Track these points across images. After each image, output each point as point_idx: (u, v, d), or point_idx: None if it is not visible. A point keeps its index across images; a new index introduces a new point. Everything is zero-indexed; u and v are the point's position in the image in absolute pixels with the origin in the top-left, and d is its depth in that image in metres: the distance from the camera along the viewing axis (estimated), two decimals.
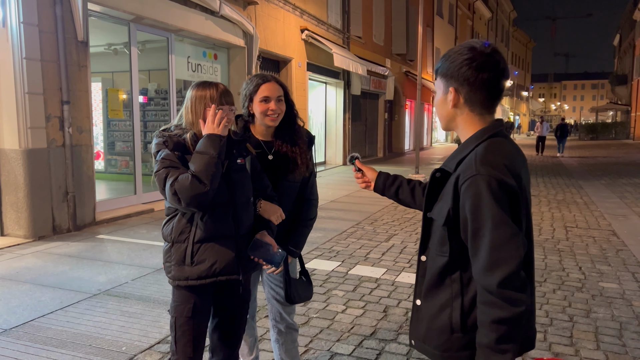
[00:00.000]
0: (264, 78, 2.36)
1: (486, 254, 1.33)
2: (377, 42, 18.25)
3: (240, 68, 10.14)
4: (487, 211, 1.33)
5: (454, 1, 30.00)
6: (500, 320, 1.32)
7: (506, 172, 1.35)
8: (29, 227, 5.80)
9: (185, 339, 2.04)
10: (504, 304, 1.32)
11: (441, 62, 1.49)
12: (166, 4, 7.77)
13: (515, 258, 1.31)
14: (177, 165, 1.95)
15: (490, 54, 1.42)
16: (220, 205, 2.02)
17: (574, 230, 6.81)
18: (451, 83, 1.46)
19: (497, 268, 1.31)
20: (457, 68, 1.43)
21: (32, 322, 3.55)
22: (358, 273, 4.78)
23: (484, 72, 1.41)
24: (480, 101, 1.45)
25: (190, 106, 2.03)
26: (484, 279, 1.34)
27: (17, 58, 5.62)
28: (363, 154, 17.81)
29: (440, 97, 1.51)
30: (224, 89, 2.05)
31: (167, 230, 2.07)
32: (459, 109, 1.48)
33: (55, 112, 6.06)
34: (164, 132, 2.04)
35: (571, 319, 3.73)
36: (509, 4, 51.67)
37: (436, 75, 1.53)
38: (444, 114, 1.52)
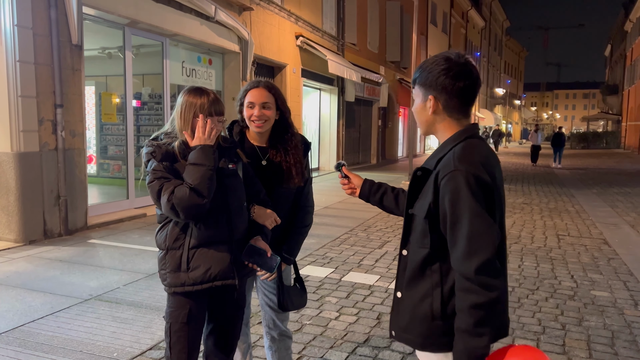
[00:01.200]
0: (254, 84, 2.35)
1: (464, 243, 1.43)
2: (371, 49, 18.33)
3: (235, 73, 10.14)
4: (465, 204, 1.43)
5: (447, 10, 30.24)
6: (476, 305, 1.41)
7: (481, 168, 1.47)
8: (20, 231, 5.74)
9: (180, 345, 2.03)
10: (480, 289, 1.41)
11: (419, 72, 1.61)
12: (161, 8, 7.77)
13: (490, 247, 1.42)
14: (169, 177, 1.95)
15: (464, 64, 1.55)
16: (214, 211, 2.01)
17: (566, 238, 6.85)
18: (430, 91, 1.58)
19: (475, 256, 1.42)
20: (435, 77, 1.55)
21: (22, 327, 3.51)
22: (351, 280, 4.78)
23: (460, 80, 1.54)
24: (457, 107, 1.57)
25: (181, 112, 2.03)
26: (462, 266, 1.44)
27: (10, 61, 5.59)
28: (356, 161, 17.84)
29: (420, 104, 1.63)
30: (214, 98, 2.05)
31: (161, 237, 2.06)
32: (438, 115, 1.60)
33: (48, 116, 6.02)
34: (152, 142, 2.03)
35: (563, 327, 3.75)
36: (502, 14, 52.13)
37: (414, 84, 1.65)
38: (424, 120, 1.64)
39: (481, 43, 42.20)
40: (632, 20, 37.16)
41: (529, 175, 16.25)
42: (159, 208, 2.00)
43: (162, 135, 2.08)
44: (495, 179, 1.52)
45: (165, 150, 1.99)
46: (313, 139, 15.29)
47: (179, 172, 1.98)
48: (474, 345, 1.42)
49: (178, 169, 1.98)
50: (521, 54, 68.53)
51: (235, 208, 2.07)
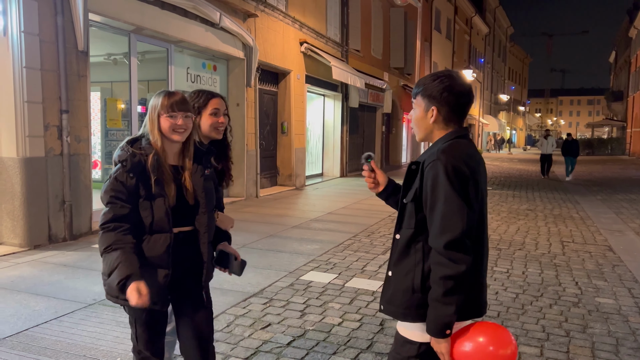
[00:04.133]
0: (212, 94, 2.53)
1: (438, 222, 1.67)
2: (375, 55, 18.38)
3: (240, 79, 10.19)
4: (442, 189, 1.67)
5: (451, 16, 30.31)
6: (446, 276, 1.64)
7: (461, 160, 1.69)
8: (25, 235, 5.77)
9: (146, 335, 2.19)
10: (450, 262, 1.64)
11: (422, 86, 1.83)
12: (166, 15, 7.83)
13: (459, 226, 1.64)
14: (121, 198, 2.03)
15: (464, 83, 1.81)
16: (157, 234, 2.08)
17: (570, 245, 6.82)
18: (433, 103, 1.80)
19: (445, 232, 1.65)
20: (440, 92, 1.78)
21: (26, 332, 3.52)
22: (355, 286, 4.77)
23: (461, 97, 1.80)
24: (455, 118, 1.82)
25: (150, 114, 2.14)
26: (435, 242, 1.68)
27: (17, 67, 5.64)
28: (360, 167, 17.78)
29: (421, 113, 1.85)
30: (180, 97, 2.13)
31: None
32: (437, 124, 1.82)
33: (54, 121, 6.07)
34: (128, 147, 2.09)
35: (568, 334, 3.73)
36: (506, 20, 52.19)
37: (415, 95, 1.86)
38: (423, 127, 1.86)
39: (485, 49, 42.23)
40: (637, 27, 37.12)
41: (533, 182, 16.21)
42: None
43: (143, 140, 2.14)
44: (475, 173, 1.72)
45: (137, 160, 2.05)
46: (317, 145, 15.32)
47: (140, 190, 2.05)
48: (442, 313, 1.66)
49: (141, 186, 2.05)
50: (525, 61, 68.51)
51: (210, 210, 2.19)
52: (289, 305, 4.21)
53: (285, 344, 3.44)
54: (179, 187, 2.13)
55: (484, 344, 1.67)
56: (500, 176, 18.26)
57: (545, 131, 18.92)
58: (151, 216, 2.05)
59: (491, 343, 1.67)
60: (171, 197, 2.08)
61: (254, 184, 10.60)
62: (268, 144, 11.95)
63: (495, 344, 1.67)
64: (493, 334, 1.70)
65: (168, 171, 2.10)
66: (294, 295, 4.45)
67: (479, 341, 1.68)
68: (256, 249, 6.16)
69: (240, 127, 10.19)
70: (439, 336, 1.68)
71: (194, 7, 8.22)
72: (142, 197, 2.05)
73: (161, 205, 2.05)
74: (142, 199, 2.05)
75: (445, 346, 1.69)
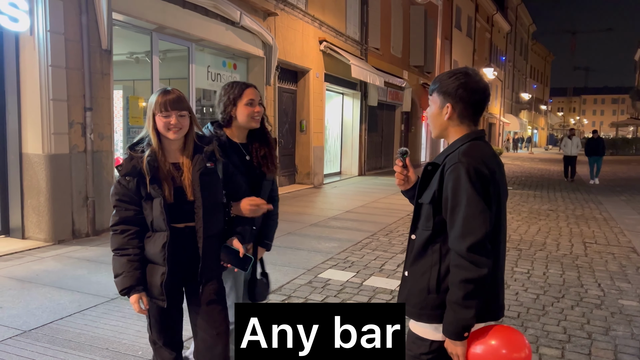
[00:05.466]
0: (246, 84, 2.54)
1: (460, 225, 1.67)
2: (394, 54, 18.29)
3: (259, 78, 10.24)
4: (464, 191, 1.66)
5: (472, 14, 29.98)
6: (467, 280, 1.64)
7: (482, 163, 1.70)
8: (50, 230, 5.90)
9: (159, 326, 2.27)
10: (471, 265, 1.63)
11: (439, 82, 1.83)
12: (188, 14, 7.91)
13: (482, 229, 1.64)
14: (125, 201, 2.12)
15: (480, 80, 1.80)
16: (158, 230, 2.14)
17: (593, 246, 6.71)
18: (448, 100, 1.80)
19: (468, 235, 1.64)
20: (455, 89, 1.78)
21: (51, 325, 3.60)
22: (373, 284, 4.77)
23: (476, 94, 1.79)
24: (469, 115, 1.81)
25: (147, 113, 2.15)
26: (457, 244, 1.67)
27: (43, 65, 5.76)
28: (379, 165, 17.79)
29: (436, 110, 1.85)
30: (175, 96, 2.13)
31: None
32: (452, 121, 1.82)
33: (78, 119, 6.18)
34: (129, 151, 2.16)
35: (590, 337, 3.68)
36: (528, 18, 51.41)
37: (432, 92, 1.86)
38: (438, 124, 1.86)
39: (506, 47, 41.68)
40: None
41: (555, 182, 15.96)
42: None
43: (145, 140, 2.18)
44: (495, 174, 1.72)
45: (132, 165, 2.10)
46: (335, 144, 15.31)
47: (141, 192, 2.11)
48: (461, 317, 1.65)
49: (141, 188, 2.10)
50: (547, 59, 67.42)
51: (210, 204, 2.18)
52: (308, 302, 4.23)
53: None
54: (179, 184, 2.15)
55: (498, 347, 1.67)
56: (522, 176, 18.02)
57: (570, 130, 17.29)
58: (151, 215, 2.12)
59: (505, 346, 1.67)
60: (168, 195, 2.11)
61: None
62: (287, 142, 11.99)
63: (509, 347, 1.67)
64: (507, 337, 1.70)
65: (164, 170, 2.13)
66: (312, 293, 4.47)
67: (492, 344, 1.68)
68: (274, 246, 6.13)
69: None
70: (457, 339, 1.68)
71: (215, 6, 8.29)
72: (143, 197, 2.12)
73: (157, 205, 2.10)
74: (143, 199, 2.12)
75: (461, 349, 1.69)
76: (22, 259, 5.25)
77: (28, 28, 5.69)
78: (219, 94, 2.56)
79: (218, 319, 2.25)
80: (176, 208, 2.13)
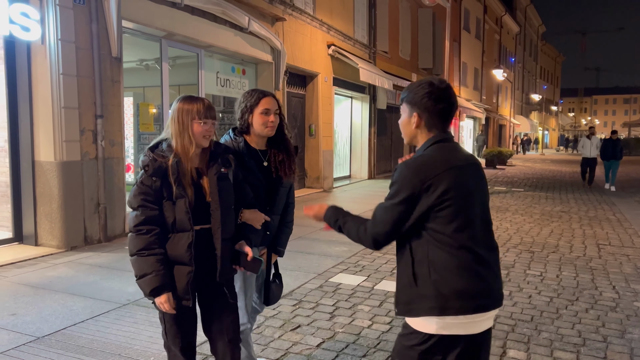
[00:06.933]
0: (264, 93, 2.59)
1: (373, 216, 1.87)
2: (403, 56, 18.27)
3: (268, 83, 10.27)
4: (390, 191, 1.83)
5: (481, 16, 29.87)
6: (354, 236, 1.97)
7: (415, 172, 1.78)
8: (62, 237, 5.95)
9: (175, 331, 2.29)
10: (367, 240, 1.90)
11: (407, 92, 1.91)
12: (197, 20, 7.96)
13: (385, 226, 1.82)
14: (148, 201, 2.14)
15: (445, 89, 1.86)
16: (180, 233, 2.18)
17: (607, 248, 6.63)
18: (415, 109, 1.88)
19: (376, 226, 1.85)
20: (420, 99, 1.86)
21: (64, 331, 3.63)
22: (384, 288, 4.75)
23: (440, 103, 1.85)
24: (436, 124, 1.88)
25: (177, 117, 2.19)
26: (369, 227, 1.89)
27: (54, 74, 5.83)
28: (388, 168, 17.74)
29: (405, 119, 1.94)
30: (208, 103, 2.24)
31: None
32: (420, 129, 1.90)
33: (89, 126, 6.24)
34: (150, 152, 2.19)
35: (605, 340, 3.63)
36: (538, 19, 51.10)
37: (402, 102, 1.94)
38: (408, 132, 1.95)
39: (516, 48, 41.45)
40: None
41: (567, 183, 15.80)
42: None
43: (164, 143, 2.22)
44: (447, 176, 1.76)
45: (158, 165, 2.14)
46: (344, 147, 15.30)
47: (164, 192, 2.15)
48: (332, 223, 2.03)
49: (164, 188, 2.15)
50: (557, 59, 66.93)
51: (225, 207, 2.25)
52: (318, 307, 4.22)
53: (315, 346, 3.45)
54: (199, 187, 2.22)
55: None
56: (533, 177, 17.88)
57: (590, 129, 15.25)
58: (173, 216, 2.16)
59: None
60: (190, 197, 2.18)
61: None
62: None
63: None
64: None
65: (188, 173, 2.20)
66: (323, 297, 4.46)
67: None
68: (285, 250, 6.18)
69: None
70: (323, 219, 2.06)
71: (223, 12, 8.34)
72: (165, 198, 2.16)
73: (182, 205, 2.15)
74: (165, 200, 2.16)
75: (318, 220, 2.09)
76: (36, 265, 5.30)
77: (39, 37, 5.76)
78: (239, 100, 2.62)
79: (231, 327, 2.34)
80: (195, 210, 2.19)
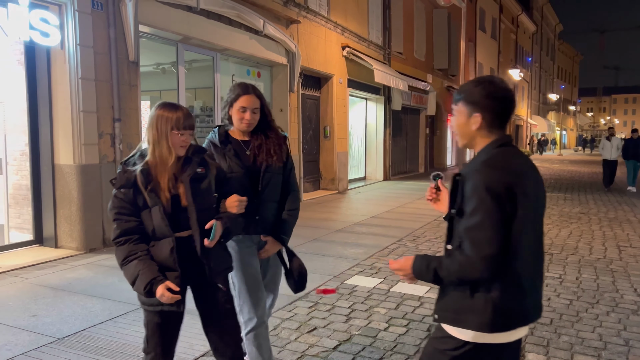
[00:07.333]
0: (246, 90, 2.62)
1: (470, 234, 1.68)
2: (418, 57, 18.18)
3: (283, 85, 10.31)
4: (478, 201, 1.66)
5: (497, 15, 29.61)
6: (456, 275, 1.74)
7: (502, 174, 1.68)
8: (81, 239, 6.03)
9: (156, 339, 2.29)
10: (468, 270, 1.68)
11: (465, 92, 1.83)
12: (212, 24, 8.03)
13: (491, 246, 1.64)
14: (122, 213, 2.14)
15: (507, 88, 1.81)
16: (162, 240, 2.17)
17: (628, 249, 6.51)
18: (476, 110, 1.79)
19: (477, 246, 1.65)
20: (482, 98, 1.77)
21: (83, 332, 3.68)
22: (400, 290, 4.72)
23: (503, 103, 1.79)
24: (496, 125, 1.81)
25: (156, 124, 2.16)
26: (468, 248, 1.69)
27: (73, 78, 5.92)
28: (404, 170, 17.66)
29: (463, 120, 1.84)
30: (187, 112, 2.23)
31: None
32: (480, 131, 1.81)
33: (107, 130, 6.32)
34: (122, 164, 2.20)
35: (627, 343, 3.56)
36: (555, 17, 50.47)
37: (457, 102, 1.85)
38: (466, 134, 1.86)
39: (532, 48, 41.00)
40: None
41: (585, 184, 15.57)
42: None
43: (138, 153, 2.23)
44: (517, 185, 1.68)
45: (126, 177, 2.15)
46: (359, 149, 15.27)
47: (138, 202, 2.14)
48: (426, 276, 1.79)
49: (137, 198, 2.14)
50: (575, 58, 66.01)
51: (202, 209, 2.22)
52: (334, 309, 4.22)
53: (332, 348, 3.44)
54: (176, 193, 2.19)
55: None
56: (551, 178, 17.65)
57: (609, 129, 14.66)
58: (152, 224, 2.16)
59: None
60: (165, 203, 2.16)
61: None
62: (311, 148, 12.02)
63: None
64: None
65: (165, 180, 2.17)
66: (339, 300, 4.45)
67: None
68: (300, 252, 6.16)
69: None
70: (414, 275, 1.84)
71: (239, 16, 8.39)
72: (141, 207, 2.15)
73: (157, 212, 2.14)
74: (141, 210, 2.16)
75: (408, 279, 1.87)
76: (56, 267, 5.38)
77: (59, 42, 5.85)
78: (227, 92, 2.69)
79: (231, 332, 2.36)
80: (174, 216, 2.18)
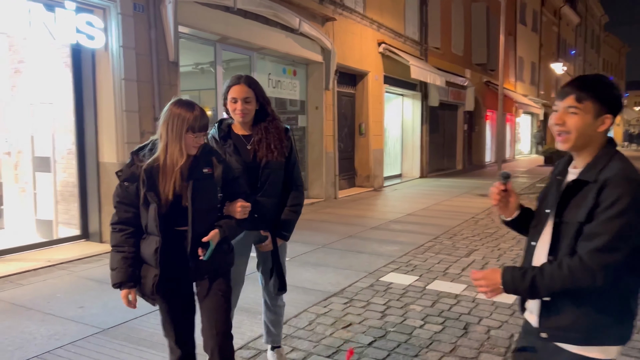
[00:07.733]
0: (236, 80, 2.63)
1: (606, 238, 1.53)
2: (456, 52, 17.89)
3: (318, 83, 10.35)
4: (624, 208, 1.52)
5: (538, 8, 28.76)
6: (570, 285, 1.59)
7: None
8: None
9: (168, 325, 2.41)
10: (588, 275, 1.55)
11: (596, 89, 1.65)
12: (249, 24, 8.14)
13: (621, 254, 1.52)
14: (125, 203, 2.24)
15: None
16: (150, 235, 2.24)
17: None
18: (608, 110, 1.65)
19: (609, 252, 1.53)
20: (615, 99, 1.66)
21: (126, 323, 3.82)
22: (436, 288, 4.69)
23: (622, 107, 1.71)
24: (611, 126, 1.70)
25: (171, 123, 2.20)
26: (590, 255, 1.55)
27: (117, 79, 6.13)
28: (441, 167, 17.44)
29: (589, 120, 1.65)
30: (203, 112, 2.25)
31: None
32: (602, 133, 1.67)
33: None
34: (132, 155, 2.26)
35: None
36: (600, 9, 48.60)
37: (582, 99, 1.65)
38: (588, 135, 1.66)
39: (576, 40, 39.63)
40: None
41: None
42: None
43: (150, 144, 2.28)
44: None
45: (132, 171, 2.22)
46: (395, 146, 15.18)
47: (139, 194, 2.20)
48: (522, 287, 1.63)
49: (139, 191, 2.20)
50: (622, 50, 63.42)
51: (201, 209, 2.25)
52: (370, 305, 4.23)
53: (367, 344, 3.46)
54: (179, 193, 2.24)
55: None
56: None
57: None
58: (146, 219, 2.23)
59: None
60: (164, 203, 2.21)
61: (332, 185, 10.72)
62: (346, 145, 12.03)
63: None
64: None
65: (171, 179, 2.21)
66: (374, 296, 4.46)
67: None
68: (336, 249, 6.23)
69: (318, 129, 10.36)
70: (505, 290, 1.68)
71: (275, 15, 8.48)
72: (141, 201, 2.22)
73: (152, 210, 2.20)
74: (141, 203, 2.23)
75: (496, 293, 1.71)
76: (100, 261, 5.59)
77: (103, 45, 6.06)
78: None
79: (220, 320, 2.37)
80: (175, 212, 2.23)
